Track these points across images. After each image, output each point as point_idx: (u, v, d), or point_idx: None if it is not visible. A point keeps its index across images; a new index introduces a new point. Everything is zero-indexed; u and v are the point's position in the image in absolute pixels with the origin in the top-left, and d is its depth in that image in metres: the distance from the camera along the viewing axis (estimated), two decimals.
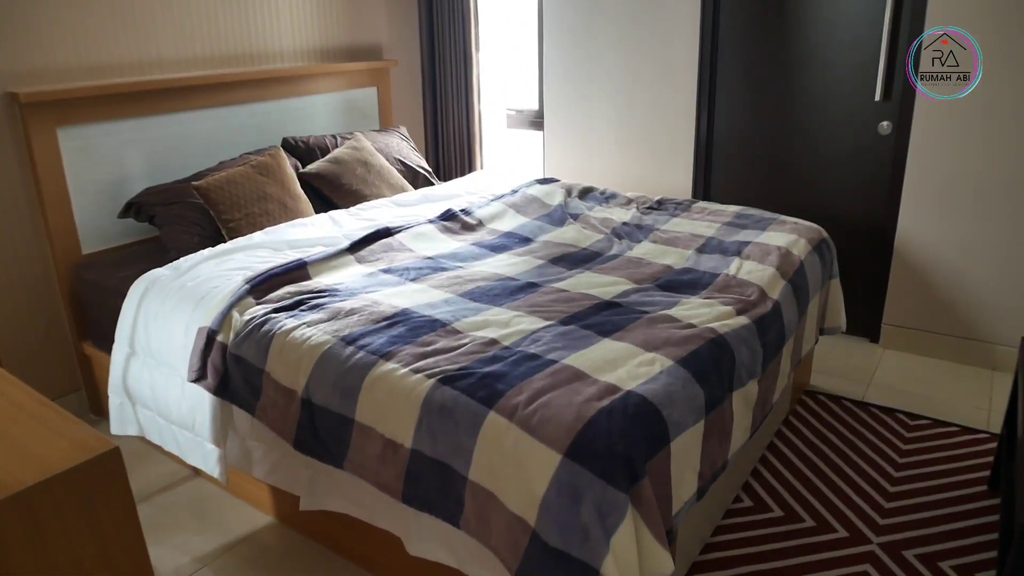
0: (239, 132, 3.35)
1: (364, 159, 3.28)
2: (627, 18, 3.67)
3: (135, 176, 3.02)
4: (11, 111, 2.69)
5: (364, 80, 3.93)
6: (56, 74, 2.80)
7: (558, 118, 4.03)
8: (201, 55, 3.25)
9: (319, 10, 3.72)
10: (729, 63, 3.51)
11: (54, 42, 2.78)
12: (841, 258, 3.05)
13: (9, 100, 2.68)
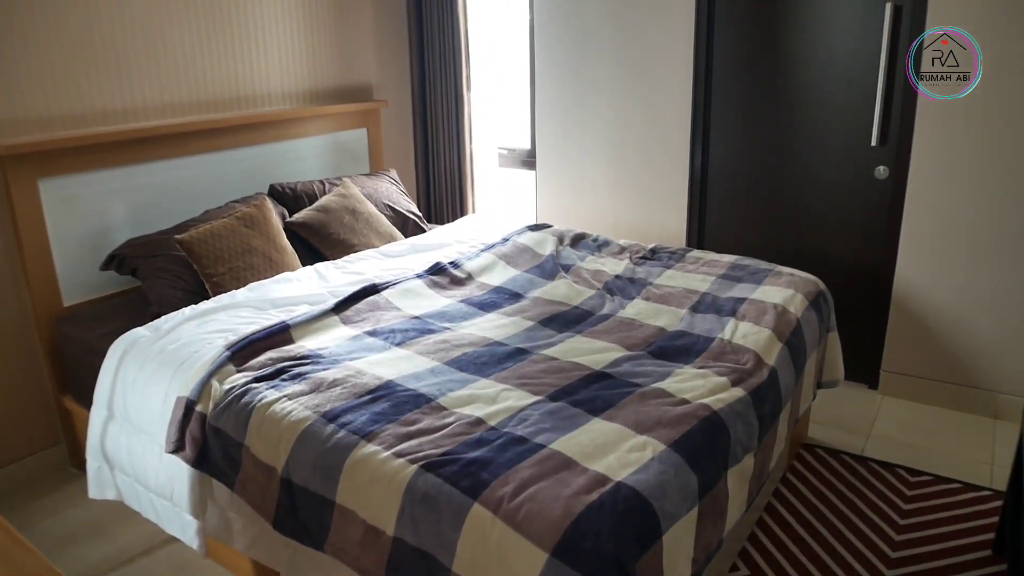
0: (225, 178, 3.29)
1: (352, 207, 3.23)
2: (619, 57, 3.63)
3: (118, 226, 2.96)
4: None
5: (354, 121, 3.88)
6: (37, 124, 2.75)
7: (550, 157, 3.98)
8: (187, 100, 3.19)
9: (308, 52, 3.68)
10: (723, 105, 3.47)
11: (35, 91, 2.73)
12: (839, 303, 3.00)
13: None
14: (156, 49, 3.06)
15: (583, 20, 3.69)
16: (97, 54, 2.89)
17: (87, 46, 2.85)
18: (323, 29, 3.74)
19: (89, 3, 2.83)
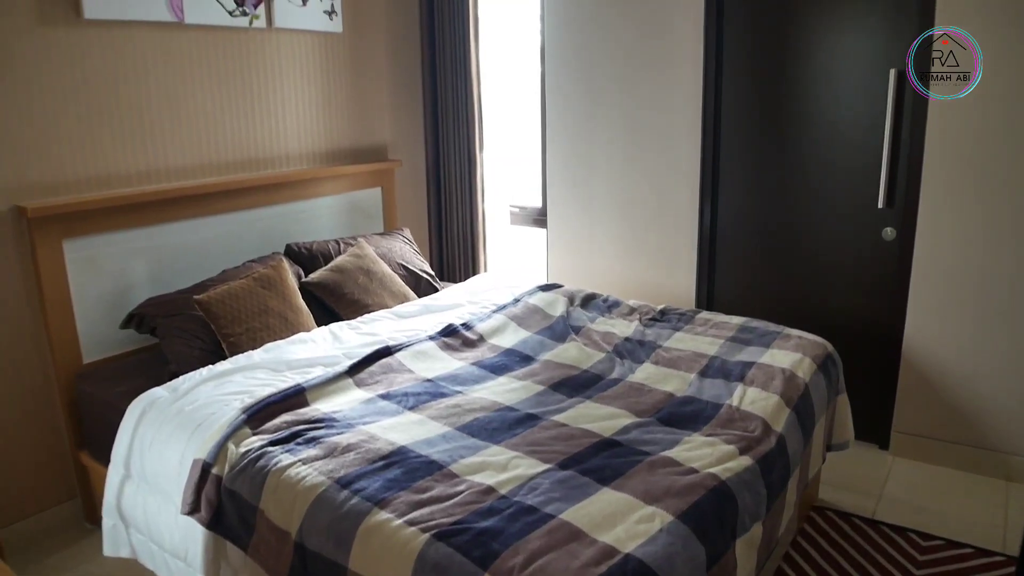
0: (243, 237, 3.37)
1: (366, 267, 3.29)
2: (628, 118, 3.72)
3: (138, 285, 3.03)
4: (18, 225, 2.72)
5: (369, 181, 3.97)
6: (64, 186, 2.84)
7: (561, 216, 4.05)
8: (208, 162, 3.29)
9: (325, 113, 3.79)
10: (731, 165, 3.53)
11: (63, 155, 2.82)
12: (848, 362, 3.01)
13: (17, 214, 2.71)
14: (179, 113, 3.17)
15: (593, 83, 3.79)
16: (123, 118, 2.99)
17: (113, 111, 2.95)
18: (340, 92, 3.86)
19: (117, 70, 2.94)
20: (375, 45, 4.04)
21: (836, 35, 3.18)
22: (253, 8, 3.34)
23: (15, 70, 2.66)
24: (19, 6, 2.66)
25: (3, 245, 2.70)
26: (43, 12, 2.71)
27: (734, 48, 3.43)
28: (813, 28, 3.23)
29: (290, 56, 3.58)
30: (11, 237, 2.71)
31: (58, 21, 2.76)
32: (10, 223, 2.70)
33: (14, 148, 2.69)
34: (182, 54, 3.15)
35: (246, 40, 3.38)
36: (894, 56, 3.04)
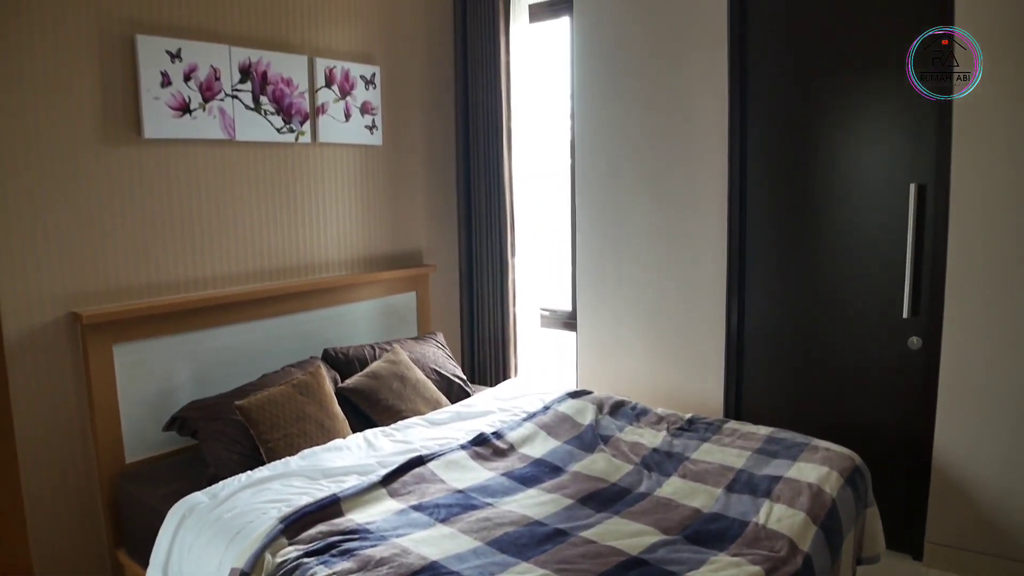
0: (283, 342, 3.50)
1: (400, 373, 3.39)
2: (655, 224, 3.84)
3: (182, 388, 3.15)
4: (72, 330, 2.87)
5: (404, 286, 4.12)
6: (116, 293, 3.00)
7: (590, 320, 4.14)
8: (252, 269, 3.45)
9: (364, 221, 3.96)
10: (757, 271, 3.62)
11: (117, 264, 3.00)
12: (878, 472, 3.01)
13: (72, 320, 2.86)
14: (227, 223, 3.35)
15: (621, 190, 3.94)
16: (175, 229, 3.17)
17: (166, 222, 3.14)
18: (379, 201, 4.04)
19: (171, 184, 3.14)
20: (413, 157, 4.25)
21: (858, 146, 3.30)
22: (300, 125, 3.56)
23: (79, 185, 2.86)
24: (86, 127, 2.87)
25: (58, 349, 2.85)
26: (107, 133, 2.93)
27: (758, 155, 3.56)
28: (836, 138, 3.35)
29: (332, 168, 3.78)
30: (66, 341, 2.86)
31: (120, 141, 2.98)
32: (65, 328, 2.86)
33: (73, 257, 2.86)
34: (232, 168, 3.35)
35: (292, 154, 3.58)
36: (914, 170, 3.14)
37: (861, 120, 3.28)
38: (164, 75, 3.03)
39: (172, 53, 3.06)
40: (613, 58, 3.93)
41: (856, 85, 3.27)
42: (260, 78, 3.37)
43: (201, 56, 3.15)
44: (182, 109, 3.10)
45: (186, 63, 3.10)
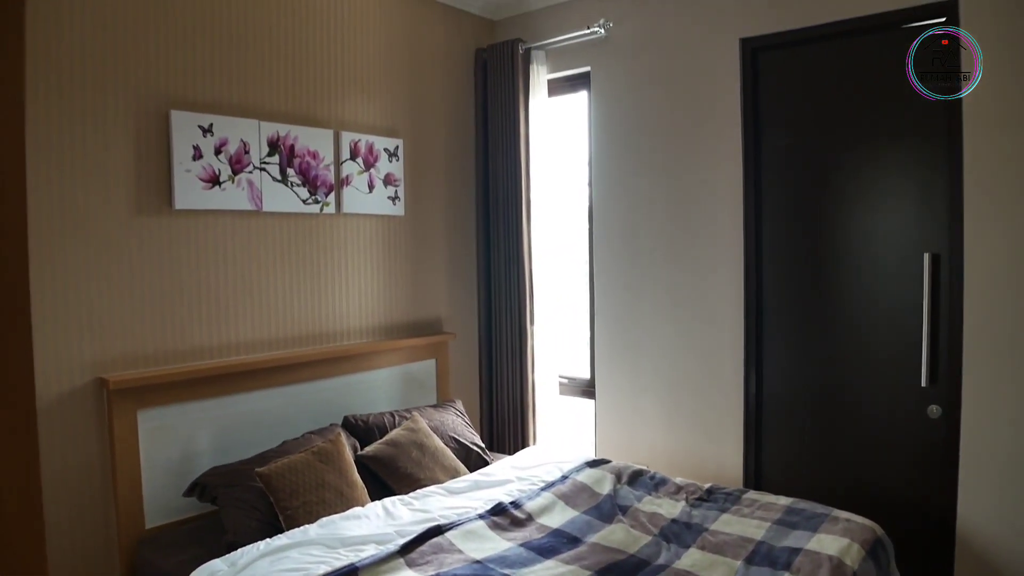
0: (304, 408, 3.53)
1: (420, 441, 3.41)
2: (672, 292, 3.89)
3: (203, 453, 3.18)
4: (99, 395, 2.92)
5: (424, 353, 4.16)
6: (143, 359, 3.06)
7: (608, 388, 4.16)
8: (275, 337, 3.51)
9: (386, 289, 4.03)
10: (774, 340, 3.63)
11: (145, 331, 3.06)
12: (900, 543, 2.96)
13: (98, 385, 2.92)
14: (252, 291, 3.42)
15: (637, 257, 4.01)
16: (201, 297, 3.24)
17: (193, 290, 3.21)
18: (400, 269, 4.12)
19: (199, 253, 3.22)
20: (434, 226, 4.34)
21: (871, 215, 3.34)
22: (325, 196, 3.66)
23: (111, 254, 2.95)
24: (120, 199, 2.98)
25: (84, 414, 2.90)
26: (140, 204, 3.03)
27: (773, 223, 3.62)
28: (849, 207, 3.40)
29: (355, 238, 3.87)
30: (92, 406, 2.91)
31: (152, 211, 3.07)
32: (92, 393, 2.91)
33: (102, 323, 2.94)
34: (258, 238, 3.43)
35: (316, 224, 3.68)
36: (928, 239, 3.17)
37: (873, 189, 3.33)
38: (196, 148, 3.15)
39: (204, 128, 3.18)
40: (630, 130, 4.04)
41: (867, 155, 3.34)
42: (288, 151, 3.49)
43: (232, 130, 3.28)
44: (212, 181, 3.21)
45: (217, 137, 3.22)
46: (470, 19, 4.53)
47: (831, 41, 3.42)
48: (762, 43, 3.59)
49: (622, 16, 4.05)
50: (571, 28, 4.19)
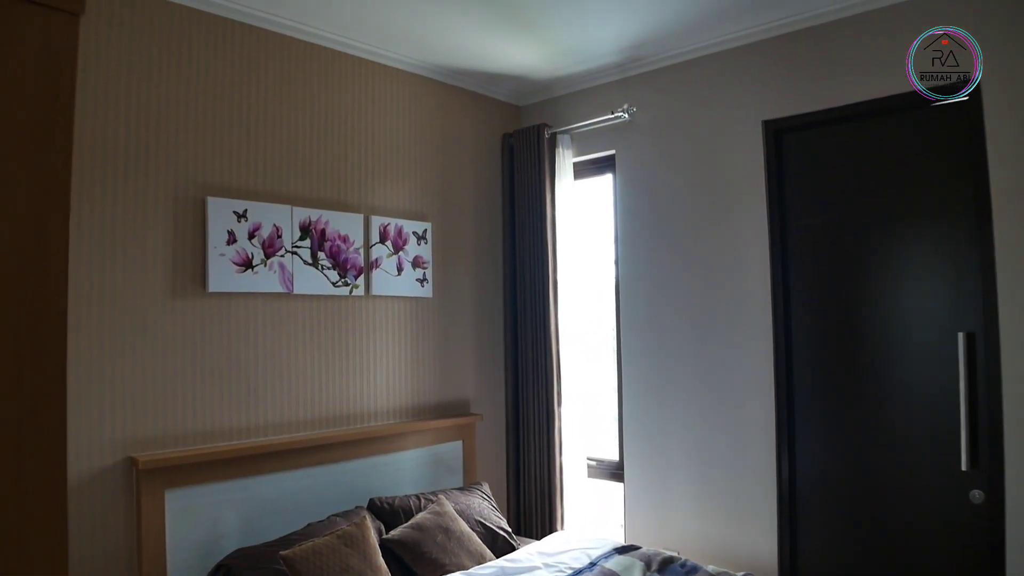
0: (329, 490, 3.52)
1: (445, 525, 3.37)
2: (701, 375, 3.86)
3: (228, 534, 3.16)
4: (128, 474, 2.95)
5: (451, 435, 4.14)
6: (171, 439, 3.08)
7: (637, 469, 4.10)
8: (302, 418, 3.52)
9: (413, 371, 4.05)
10: (806, 422, 3.56)
11: (175, 411, 3.10)
12: None
13: (128, 464, 2.94)
14: (281, 372, 3.46)
15: (665, 337, 4.00)
16: (231, 377, 3.28)
17: (224, 371, 3.26)
18: (428, 350, 4.15)
19: (231, 335, 3.28)
20: (462, 308, 4.38)
21: (902, 294, 3.31)
22: (354, 279, 3.73)
23: (144, 335, 3.02)
24: (156, 282, 3.06)
25: (114, 492, 2.91)
26: (175, 287, 3.12)
27: (802, 302, 3.59)
28: (878, 286, 3.37)
29: (384, 320, 3.92)
30: (121, 485, 2.93)
31: (186, 294, 3.15)
32: (121, 472, 2.93)
33: (133, 403, 2.98)
34: (288, 320, 3.49)
35: (345, 306, 3.73)
36: (962, 318, 3.13)
37: (903, 267, 3.32)
38: (230, 233, 3.24)
39: (239, 213, 3.28)
40: (655, 211, 4.09)
41: (896, 233, 3.33)
42: (319, 235, 3.58)
43: (265, 215, 3.38)
44: (245, 265, 3.29)
45: (251, 222, 3.32)
46: (497, 105, 4.67)
47: (855, 121, 3.46)
48: (785, 125, 3.65)
49: (645, 101, 4.15)
50: (595, 113, 4.30)
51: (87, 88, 2.88)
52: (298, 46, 3.60)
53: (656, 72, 4.11)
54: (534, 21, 3.62)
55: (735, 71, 3.79)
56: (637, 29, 3.73)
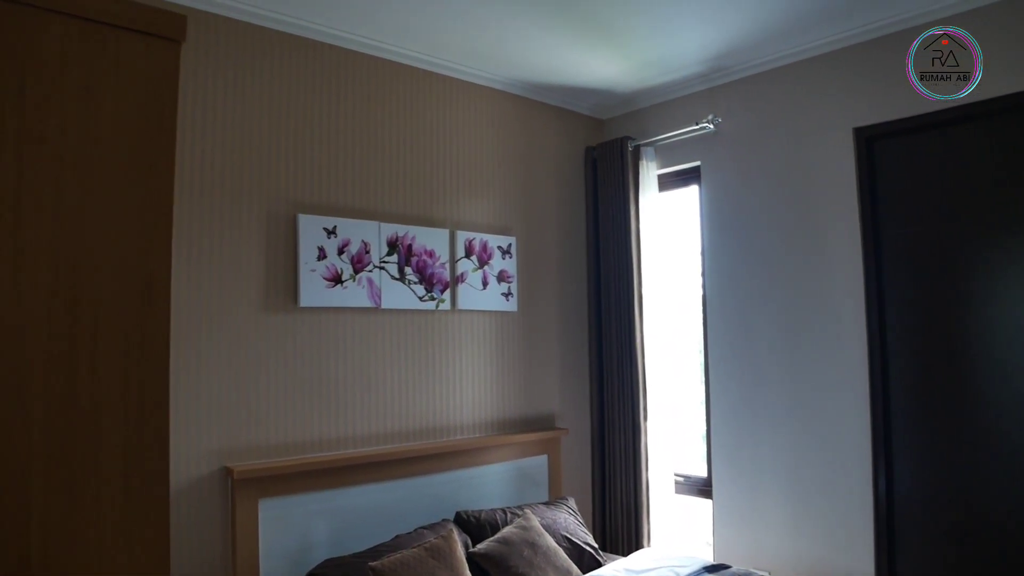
0: (415, 502, 3.56)
1: (532, 540, 3.36)
2: (792, 386, 3.75)
3: (318, 545, 3.23)
4: (224, 484, 3.05)
5: (536, 449, 4.14)
6: (265, 450, 3.18)
7: (726, 486, 4.00)
8: (390, 431, 3.58)
9: (498, 384, 4.07)
10: (904, 437, 3.41)
11: (269, 423, 3.20)
12: None
13: (224, 474, 3.04)
14: (369, 386, 3.52)
15: (755, 350, 3.91)
16: (322, 390, 3.36)
17: (315, 383, 3.34)
18: (513, 364, 4.16)
19: (321, 348, 3.37)
20: (547, 322, 4.39)
21: (1008, 305, 3.14)
22: (440, 293, 3.78)
23: (239, 349, 3.13)
24: (251, 299, 3.17)
25: (211, 500, 3.02)
26: (268, 302, 3.22)
27: (898, 312, 3.46)
28: (983, 297, 3.22)
29: (469, 334, 3.95)
30: (218, 494, 3.03)
31: (279, 309, 3.25)
32: (219, 481, 3.04)
33: (229, 414, 3.09)
34: (376, 334, 3.56)
35: (432, 321, 3.78)
36: None
37: (1010, 279, 3.15)
38: (320, 249, 3.33)
39: (328, 230, 3.37)
40: (743, 222, 4.01)
41: (1001, 242, 3.17)
42: (405, 251, 3.64)
43: (354, 232, 3.46)
44: (334, 280, 3.37)
45: (340, 238, 3.40)
46: (580, 119, 4.67)
47: (952, 126, 3.32)
48: (877, 132, 3.52)
49: (730, 110, 4.08)
50: (680, 124, 4.25)
51: (184, 112, 3.01)
52: (384, 65, 3.68)
53: (741, 81, 4.04)
54: (618, 34, 3.61)
55: (823, 78, 3.69)
56: (722, 39, 3.67)
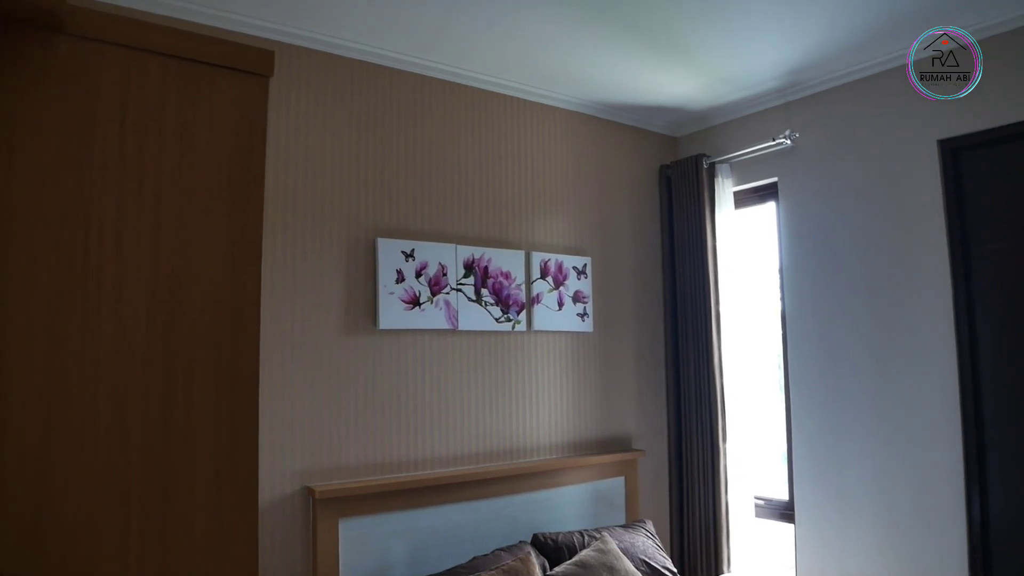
0: (492, 524, 3.56)
1: (609, 563, 3.33)
2: (878, 406, 3.62)
3: (397, 564, 3.26)
4: (306, 503, 3.11)
5: (613, 471, 4.10)
6: (345, 470, 3.24)
7: (809, 510, 3.89)
8: (468, 452, 3.61)
9: (574, 405, 4.06)
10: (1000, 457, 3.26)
11: (348, 442, 3.26)
12: None
13: (305, 494, 3.11)
14: (446, 408, 3.56)
15: (838, 370, 3.80)
16: (401, 411, 3.41)
17: (394, 404, 3.39)
18: (589, 385, 4.15)
19: (400, 369, 3.42)
20: (623, 342, 4.36)
21: None
22: (516, 314, 3.79)
23: (321, 370, 3.20)
24: (332, 322, 3.25)
25: (294, 519, 3.09)
26: (348, 325, 3.29)
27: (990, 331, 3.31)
28: None
29: (545, 355, 3.96)
30: (300, 514, 3.10)
31: (359, 331, 3.32)
32: (300, 501, 3.11)
33: (311, 435, 3.16)
34: (454, 356, 3.60)
35: (508, 341, 3.80)
36: None
37: None
38: (399, 272, 3.39)
39: (406, 253, 3.43)
40: (823, 239, 3.91)
41: None
42: (482, 272, 3.68)
43: (431, 254, 3.51)
44: (413, 302, 3.43)
45: (418, 261, 3.46)
46: (653, 137, 4.65)
47: None
48: (963, 143, 3.40)
49: (808, 125, 4.00)
50: (755, 140, 4.19)
51: (269, 141, 3.11)
52: (458, 90, 3.74)
53: (818, 95, 3.96)
54: (691, 53, 3.59)
55: (903, 89, 3.58)
56: (796, 53, 3.61)
